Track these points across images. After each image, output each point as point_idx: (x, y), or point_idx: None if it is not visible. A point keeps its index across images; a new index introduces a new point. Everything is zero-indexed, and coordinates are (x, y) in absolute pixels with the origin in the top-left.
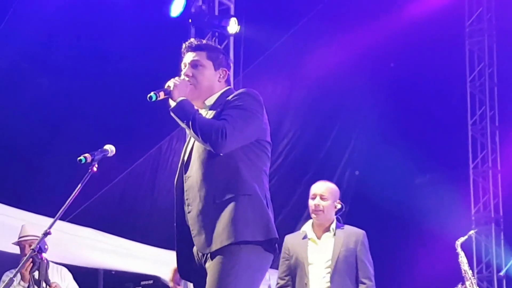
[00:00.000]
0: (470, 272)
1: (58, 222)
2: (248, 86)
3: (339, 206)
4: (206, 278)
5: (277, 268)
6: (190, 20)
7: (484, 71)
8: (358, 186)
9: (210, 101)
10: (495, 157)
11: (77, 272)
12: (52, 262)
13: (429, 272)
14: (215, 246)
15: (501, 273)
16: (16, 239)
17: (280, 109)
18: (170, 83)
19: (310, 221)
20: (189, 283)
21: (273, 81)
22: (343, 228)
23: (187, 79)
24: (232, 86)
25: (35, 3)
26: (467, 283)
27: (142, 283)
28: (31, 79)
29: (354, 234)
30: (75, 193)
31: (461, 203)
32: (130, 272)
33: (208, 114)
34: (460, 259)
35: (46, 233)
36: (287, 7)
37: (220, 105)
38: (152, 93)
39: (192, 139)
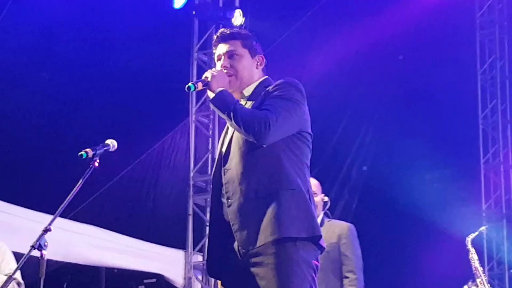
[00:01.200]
0: (481, 269)
1: (60, 219)
2: None
3: (326, 199)
4: (240, 276)
5: None
6: (194, 12)
7: (496, 64)
8: (366, 182)
9: (248, 91)
10: (507, 152)
11: (79, 270)
12: None
13: (439, 269)
14: (259, 242)
15: None
16: (15, 236)
17: None
18: (208, 74)
19: None
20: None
21: (279, 75)
22: (329, 221)
23: (225, 71)
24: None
25: None
26: (478, 280)
27: (145, 281)
28: (32, 73)
29: (337, 227)
30: (76, 188)
31: (472, 199)
32: (133, 270)
33: (247, 105)
34: (470, 256)
35: (46, 230)
36: None
37: (260, 95)
38: (190, 84)
39: (231, 130)
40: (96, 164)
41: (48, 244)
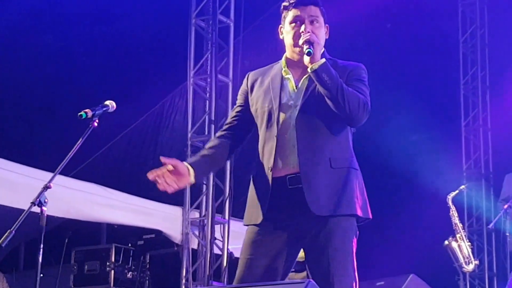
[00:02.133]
0: (460, 225)
1: (62, 177)
2: (249, 45)
3: None
4: (301, 230)
5: None
6: None
7: (476, 33)
8: (354, 144)
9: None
10: (486, 116)
11: (80, 226)
12: None
13: (422, 225)
14: (335, 212)
15: (490, 226)
16: (17, 194)
17: None
18: (310, 40)
19: None
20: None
21: (273, 42)
22: None
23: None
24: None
25: None
26: (458, 235)
27: (144, 237)
28: (36, 36)
29: None
30: (76, 147)
31: (453, 160)
32: (133, 226)
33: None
34: (451, 213)
35: (46, 187)
36: None
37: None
38: (307, 49)
39: (290, 87)
40: (95, 124)
41: (48, 200)
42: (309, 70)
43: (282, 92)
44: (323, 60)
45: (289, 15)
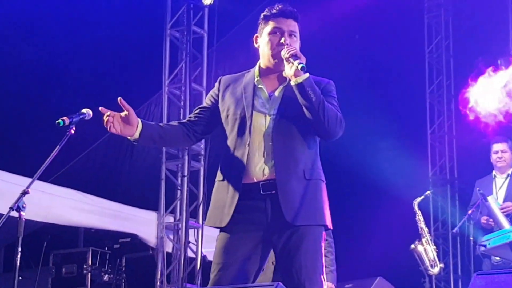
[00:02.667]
0: (426, 229)
1: (41, 183)
2: (222, 55)
3: None
4: (271, 236)
5: None
6: None
7: (441, 43)
8: (322, 151)
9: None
10: (451, 123)
11: (58, 230)
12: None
13: (389, 229)
14: (307, 222)
15: (454, 230)
16: None
17: None
18: (293, 52)
19: None
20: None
21: (245, 52)
22: None
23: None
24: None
25: None
26: (424, 239)
27: (120, 240)
28: (14, 44)
29: None
30: (53, 154)
31: (419, 166)
32: (109, 230)
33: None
34: (417, 218)
35: (25, 192)
36: None
37: None
38: (300, 64)
39: (264, 96)
40: (72, 131)
41: (26, 205)
42: (292, 83)
43: (255, 101)
44: (307, 74)
45: (269, 25)
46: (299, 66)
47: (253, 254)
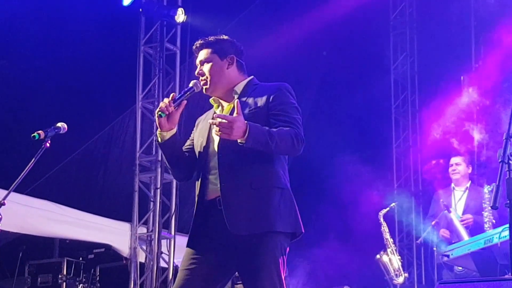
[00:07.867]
0: (391, 240)
1: (17, 195)
2: (193, 72)
3: None
4: (223, 251)
5: None
6: (140, 10)
7: (406, 60)
8: (291, 167)
9: (239, 88)
10: (416, 137)
11: (34, 240)
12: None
13: (356, 240)
14: (252, 230)
15: (418, 241)
16: None
17: None
18: (224, 125)
19: None
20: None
21: None
22: None
23: (202, 78)
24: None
25: None
26: (389, 250)
27: (95, 251)
28: None
29: None
30: (29, 166)
31: (385, 179)
32: (84, 241)
33: (241, 100)
34: (382, 229)
35: (1, 204)
36: None
37: (253, 93)
38: (240, 140)
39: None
40: (48, 144)
41: (2, 217)
42: (239, 142)
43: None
44: (246, 133)
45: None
46: (157, 115)
47: (213, 271)
